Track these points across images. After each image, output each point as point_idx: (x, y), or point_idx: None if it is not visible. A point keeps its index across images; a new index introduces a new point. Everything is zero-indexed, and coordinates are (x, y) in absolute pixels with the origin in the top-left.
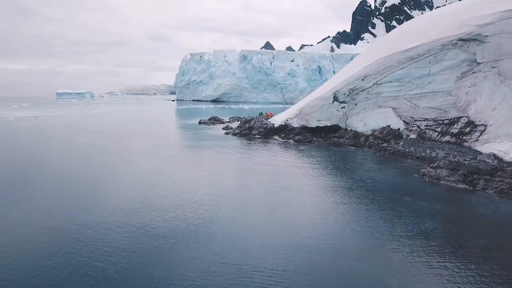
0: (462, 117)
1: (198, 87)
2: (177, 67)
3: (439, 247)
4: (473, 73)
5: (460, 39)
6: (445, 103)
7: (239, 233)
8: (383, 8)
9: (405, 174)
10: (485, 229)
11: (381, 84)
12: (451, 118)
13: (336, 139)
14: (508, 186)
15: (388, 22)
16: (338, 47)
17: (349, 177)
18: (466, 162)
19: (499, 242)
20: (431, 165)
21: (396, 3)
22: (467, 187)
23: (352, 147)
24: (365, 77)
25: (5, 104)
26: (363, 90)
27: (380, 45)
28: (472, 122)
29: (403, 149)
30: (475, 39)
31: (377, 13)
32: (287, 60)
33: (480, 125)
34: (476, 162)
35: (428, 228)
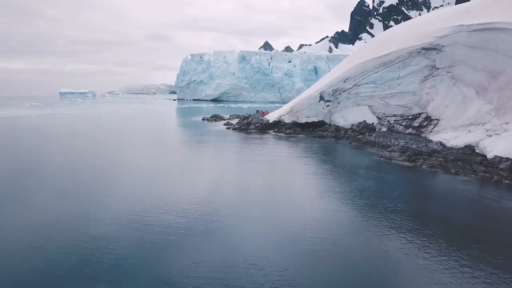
0: (422, 113)
1: (199, 86)
2: (176, 67)
3: (368, 196)
4: (433, 76)
5: (423, 48)
6: (410, 102)
7: (234, 198)
8: (381, 8)
9: (367, 157)
10: (408, 187)
11: (359, 85)
12: (414, 114)
13: (320, 132)
14: (438, 162)
15: (386, 22)
16: (336, 47)
17: (323, 159)
18: (413, 147)
19: (415, 194)
20: (388, 150)
21: (394, 3)
22: (409, 164)
23: (333, 139)
24: (346, 79)
25: (16, 103)
26: (344, 91)
27: (360, 52)
28: (429, 117)
29: (374, 139)
30: (434, 48)
31: (375, 13)
32: (284, 60)
33: (435, 119)
34: (424, 148)
35: (366, 186)
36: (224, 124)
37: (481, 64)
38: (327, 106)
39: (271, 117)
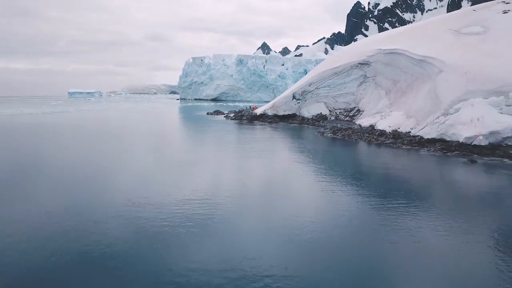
0: (356, 107)
1: (200, 87)
2: (176, 67)
3: (300, 149)
4: (365, 82)
5: (359, 63)
6: (350, 100)
7: (231, 159)
8: (376, 10)
9: (312, 133)
10: (325, 144)
11: (319, 88)
12: (351, 108)
13: (292, 121)
14: (348, 134)
15: (381, 25)
16: (332, 48)
17: (289, 134)
18: (343, 127)
19: (327, 147)
20: (324, 128)
21: (389, 6)
22: (332, 135)
23: (299, 125)
24: (310, 84)
25: (40, 102)
26: (309, 92)
27: (323, 63)
28: (359, 109)
29: (324, 124)
30: (366, 63)
31: (370, 16)
32: (278, 64)
33: (362, 111)
34: (347, 127)
35: (303, 143)
36: (224, 116)
37: (389, 75)
38: (297, 103)
39: (258, 111)
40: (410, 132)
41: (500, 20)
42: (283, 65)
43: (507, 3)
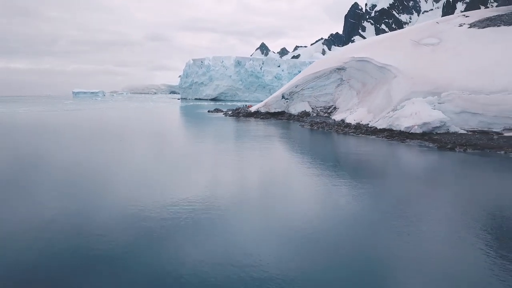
0: (333, 105)
1: (200, 87)
2: (176, 67)
3: (286, 136)
4: (341, 85)
5: (337, 68)
6: (329, 99)
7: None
8: (373, 12)
9: (295, 125)
10: (304, 134)
11: (304, 89)
12: (330, 106)
13: (281, 117)
14: (322, 126)
15: (378, 26)
16: (330, 49)
17: (275, 127)
18: (320, 121)
19: (305, 135)
20: (304, 122)
21: (386, 7)
22: (310, 127)
23: (287, 120)
24: (297, 86)
25: (55, 101)
26: (296, 93)
27: (309, 67)
28: (335, 107)
29: (306, 119)
30: (342, 69)
31: (367, 17)
32: (274, 65)
33: (338, 108)
34: (322, 121)
35: (288, 132)
36: (223, 114)
37: (360, 79)
38: (286, 102)
39: (253, 109)
40: (368, 124)
41: (454, 33)
42: (279, 66)
43: (466, 16)
